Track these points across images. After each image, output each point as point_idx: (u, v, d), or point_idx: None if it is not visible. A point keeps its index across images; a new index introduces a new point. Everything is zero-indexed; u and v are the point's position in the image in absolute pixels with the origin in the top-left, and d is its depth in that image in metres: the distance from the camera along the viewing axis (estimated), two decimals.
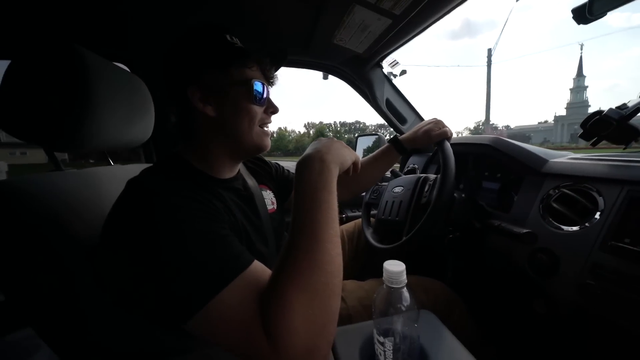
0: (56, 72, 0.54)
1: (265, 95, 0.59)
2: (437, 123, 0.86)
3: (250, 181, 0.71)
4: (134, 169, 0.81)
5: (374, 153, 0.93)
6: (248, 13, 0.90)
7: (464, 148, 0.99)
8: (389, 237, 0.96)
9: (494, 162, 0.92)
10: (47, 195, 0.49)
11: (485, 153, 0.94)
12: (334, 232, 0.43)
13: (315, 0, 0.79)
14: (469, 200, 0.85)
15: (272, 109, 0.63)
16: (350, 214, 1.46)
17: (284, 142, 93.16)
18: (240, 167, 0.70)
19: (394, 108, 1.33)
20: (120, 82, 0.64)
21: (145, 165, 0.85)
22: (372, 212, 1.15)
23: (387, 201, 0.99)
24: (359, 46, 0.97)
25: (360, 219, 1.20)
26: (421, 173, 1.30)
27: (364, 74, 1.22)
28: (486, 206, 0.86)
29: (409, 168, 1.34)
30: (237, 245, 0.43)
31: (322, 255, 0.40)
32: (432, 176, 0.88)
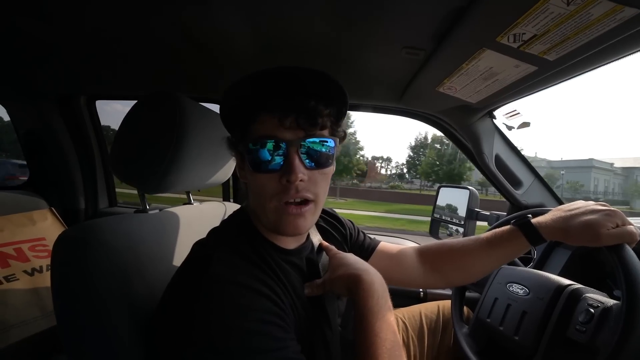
0: (156, 122, 0.59)
1: (274, 159, 0.44)
2: (612, 215, 0.52)
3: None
4: (211, 209, 0.84)
5: (487, 234, 0.65)
6: (347, 63, 0.83)
7: None
8: (494, 353, 0.69)
9: None
10: (124, 244, 0.50)
11: None
12: None
13: (428, 48, 0.65)
14: None
15: (287, 177, 0.44)
16: (430, 289, 1.16)
17: None
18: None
19: (506, 167, 1.05)
20: (212, 128, 0.66)
21: (219, 205, 0.84)
22: (466, 293, 0.87)
23: (496, 298, 0.72)
24: (473, 96, 0.78)
25: (446, 302, 0.93)
26: (541, 256, 0.97)
27: (468, 126, 1.00)
28: None
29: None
30: None
31: None
32: (594, 296, 0.57)
